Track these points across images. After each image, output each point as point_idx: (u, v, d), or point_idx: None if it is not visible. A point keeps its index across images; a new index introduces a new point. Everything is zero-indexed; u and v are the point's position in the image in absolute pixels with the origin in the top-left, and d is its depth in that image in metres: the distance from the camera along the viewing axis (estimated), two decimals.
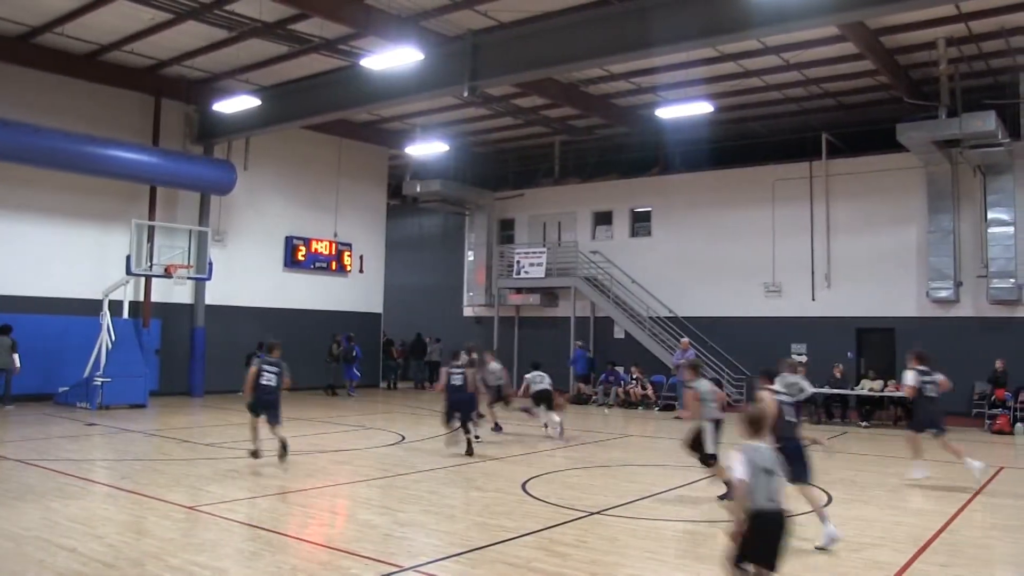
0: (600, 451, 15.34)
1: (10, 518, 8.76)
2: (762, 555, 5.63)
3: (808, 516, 8.72)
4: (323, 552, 7.79)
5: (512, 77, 18.40)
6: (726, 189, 26.13)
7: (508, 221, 31.70)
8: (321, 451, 14.09)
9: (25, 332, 20.00)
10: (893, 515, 9.91)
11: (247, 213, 25.69)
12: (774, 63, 20.82)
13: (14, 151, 19.33)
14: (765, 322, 24.85)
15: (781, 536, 5.68)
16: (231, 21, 18.88)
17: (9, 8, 18.64)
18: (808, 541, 8.57)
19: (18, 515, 8.90)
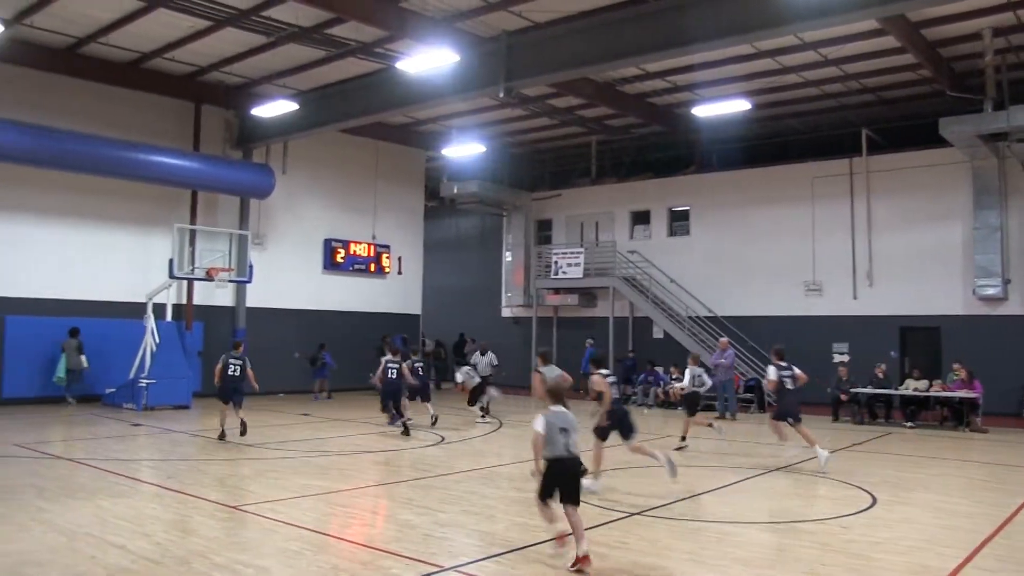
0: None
1: (63, 514, 8.95)
2: (562, 492, 7.46)
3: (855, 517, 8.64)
4: (364, 552, 7.84)
5: (547, 77, 18.38)
6: (764, 187, 25.92)
7: (545, 221, 31.67)
8: (363, 452, 14.17)
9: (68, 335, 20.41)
10: (941, 518, 9.70)
11: (286, 216, 25.92)
12: (812, 59, 20.60)
13: (59, 158, 19.74)
14: (805, 321, 24.60)
15: (574, 477, 7.55)
16: (268, 27, 19.06)
17: (57, 21, 18.99)
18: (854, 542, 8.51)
19: (71, 512, 9.08)
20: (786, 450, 14.02)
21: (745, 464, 13.39)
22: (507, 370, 30.66)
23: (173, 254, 21.17)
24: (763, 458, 14.18)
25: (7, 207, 20.50)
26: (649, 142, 28.97)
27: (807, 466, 13.18)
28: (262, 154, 24.85)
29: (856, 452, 15.24)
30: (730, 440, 16.38)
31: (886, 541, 8.30)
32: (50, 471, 11.81)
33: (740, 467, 13.05)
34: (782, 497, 10.73)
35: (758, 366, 24.16)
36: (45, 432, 16.16)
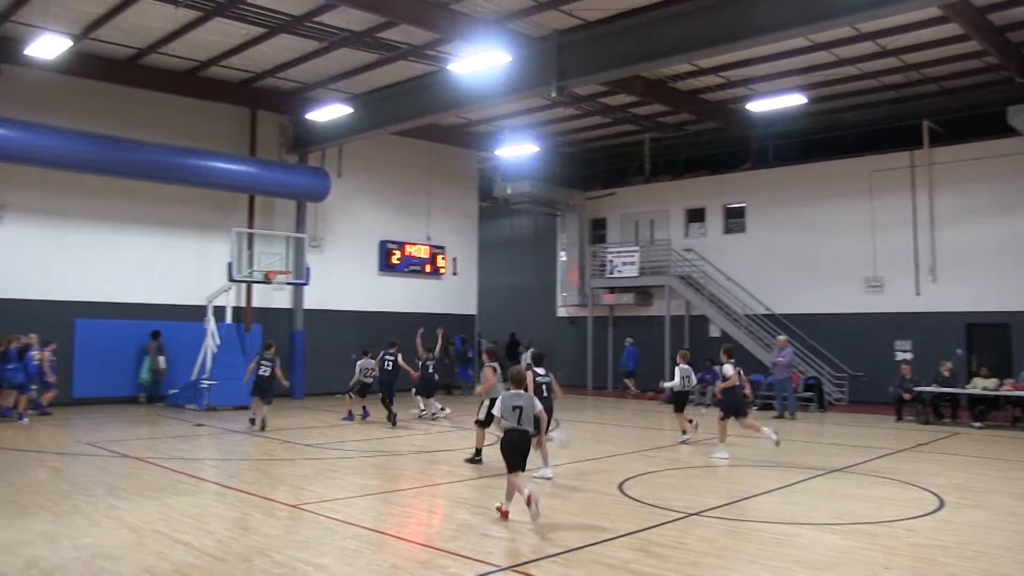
0: (697, 452, 15.14)
1: (131, 511, 9.18)
2: (511, 458, 9.06)
3: (921, 520, 8.46)
4: (422, 551, 7.88)
5: (599, 76, 18.34)
6: (822, 182, 25.54)
7: (600, 220, 31.57)
8: (419, 451, 14.26)
9: (135, 338, 20.89)
10: (1014, 523, 9.35)
11: (342, 219, 26.19)
12: (870, 50, 20.24)
13: (121, 166, 20.26)
14: (866, 318, 24.21)
15: (521, 445, 9.15)
16: (321, 32, 19.28)
17: (119, 33, 19.47)
18: (920, 546, 8.37)
19: (138, 508, 9.30)
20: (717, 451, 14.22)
21: (805, 464, 13.21)
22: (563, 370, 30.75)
23: (232, 258, 21.51)
24: (824, 458, 13.99)
25: (74, 215, 21.02)
26: (703, 139, 28.75)
27: (868, 467, 12.98)
28: (317, 158, 25.15)
29: (921, 453, 14.94)
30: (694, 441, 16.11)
31: (955, 546, 8.11)
32: (119, 469, 12.09)
33: (800, 467, 12.88)
34: (844, 498, 10.56)
35: (817, 364, 23.87)
36: (113, 431, 16.51)
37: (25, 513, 9.05)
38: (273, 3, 17.92)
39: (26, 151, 18.82)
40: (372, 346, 19.58)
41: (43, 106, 20.07)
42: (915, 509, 9.82)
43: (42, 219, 20.62)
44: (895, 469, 12.63)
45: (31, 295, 20.24)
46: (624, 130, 28.72)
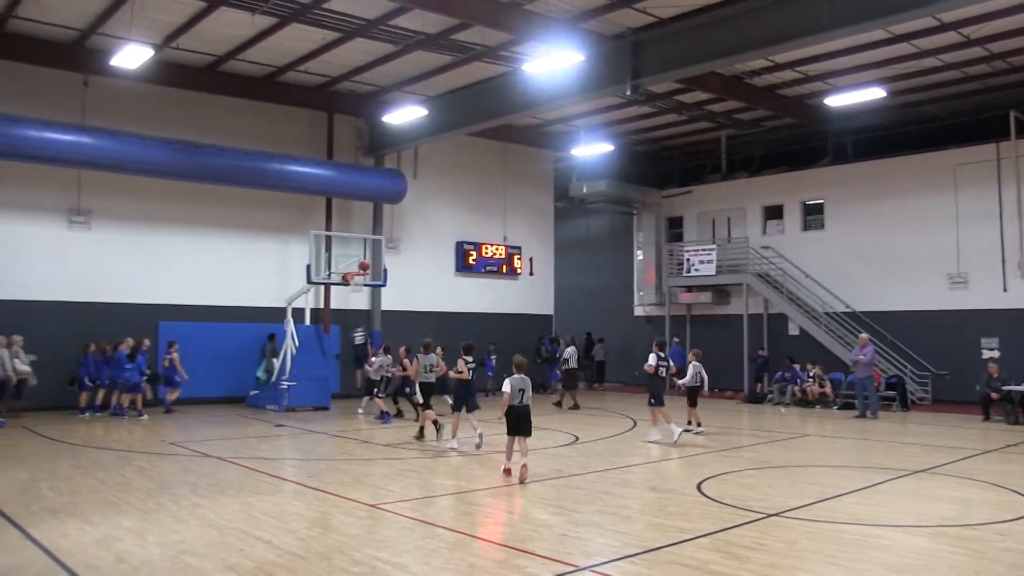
0: (776, 451, 14.94)
1: (214, 509, 9.39)
2: (517, 429, 11.61)
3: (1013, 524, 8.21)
4: (499, 550, 7.90)
5: (674, 73, 18.20)
6: (903, 177, 24.90)
7: (676, 219, 31.30)
8: (496, 451, 14.28)
9: (216, 339, 21.39)
10: None
11: (418, 220, 26.42)
12: (953, 40, 19.65)
13: (202, 171, 20.74)
14: (950, 315, 23.53)
15: (524, 418, 11.57)
16: (396, 35, 19.46)
17: (199, 42, 19.91)
18: (1012, 551, 8.14)
19: (221, 507, 9.51)
20: (650, 434, 15.84)
21: (888, 465, 12.91)
22: (641, 369, 30.55)
23: (310, 260, 21.86)
24: (907, 459, 13.66)
25: (157, 220, 21.60)
26: (780, 135, 28.31)
27: (954, 468, 12.65)
28: (393, 160, 25.41)
29: (1010, 454, 14.49)
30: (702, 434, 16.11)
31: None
32: (201, 468, 12.38)
33: (883, 468, 12.60)
34: (929, 500, 10.30)
35: (899, 363, 23.33)
36: (196, 432, 16.92)
37: (115, 510, 9.33)
38: (348, 7, 18.14)
39: (112, 159, 19.42)
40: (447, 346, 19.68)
41: (127, 115, 20.67)
42: (1006, 512, 9.54)
43: (127, 224, 21.24)
44: (983, 470, 12.28)
45: (116, 298, 20.88)
46: (700, 127, 28.43)
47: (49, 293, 19.98)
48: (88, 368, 19.36)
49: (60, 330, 19.51)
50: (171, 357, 20.26)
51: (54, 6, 17.88)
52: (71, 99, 20.19)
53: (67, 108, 19.92)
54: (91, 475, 11.59)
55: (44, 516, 8.96)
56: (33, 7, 17.82)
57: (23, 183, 19.80)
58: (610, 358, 31.51)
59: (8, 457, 13.31)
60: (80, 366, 19.41)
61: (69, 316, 19.98)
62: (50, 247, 20.17)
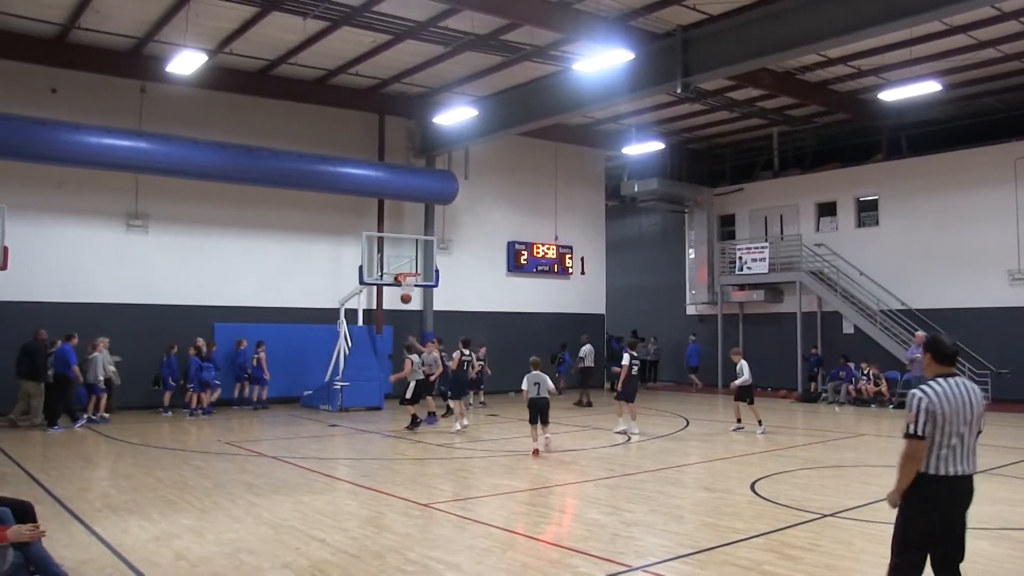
0: (831, 451, 14.77)
1: (269, 508, 9.52)
2: (536, 418, 13.80)
3: None
4: (552, 550, 7.91)
5: (725, 70, 18.05)
6: (960, 171, 24.41)
7: (728, 217, 31.06)
8: (548, 451, 14.31)
9: (270, 341, 21.61)
10: None
11: (469, 221, 26.51)
12: (1013, 29, 19.17)
13: (256, 174, 21.01)
14: (1011, 312, 23.02)
15: (542, 409, 13.79)
16: (446, 37, 19.54)
17: (251, 46, 20.16)
18: None
19: (276, 506, 9.64)
20: (619, 425, 16.64)
21: None
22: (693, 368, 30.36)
23: (362, 261, 22.02)
24: None
25: (212, 223, 21.93)
26: (833, 131, 27.94)
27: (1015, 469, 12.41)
28: (444, 161, 25.52)
29: None
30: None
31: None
32: (256, 467, 12.55)
33: None
34: (989, 501, 10.08)
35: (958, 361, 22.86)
36: (251, 431, 17.19)
37: (174, 508, 9.51)
38: (398, 10, 18.25)
39: (167, 163, 19.76)
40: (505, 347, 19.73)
41: (182, 120, 21.01)
42: None
43: (183, 227, 21.59)
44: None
45: (172, 300, 21.22)
46: (751, 124, 28.15)
47: (108, 295, 20.38)
48: (172, 369, 19.79)
49: (119, 332, 19.83)
50: (259, 357, 21.22)
51: (112, 15, 18.23)
52: (129, 106, 20.59)
53: (125, 114, 20.32)
54: (151, 474, 11.82)
55: (107, 513, 9.18)
56: (93, 17, 18.19)
57: (84, 188, 20.22)
58: (663, 356, 31.39)
59: (73, 455, 13.63)
60: (163, 366, 19.82)
61: (126, 318, 20.31)
62: (109, 250, 20.58)
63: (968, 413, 5.18)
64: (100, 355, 18.32)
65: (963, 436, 5.16)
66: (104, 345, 18.56)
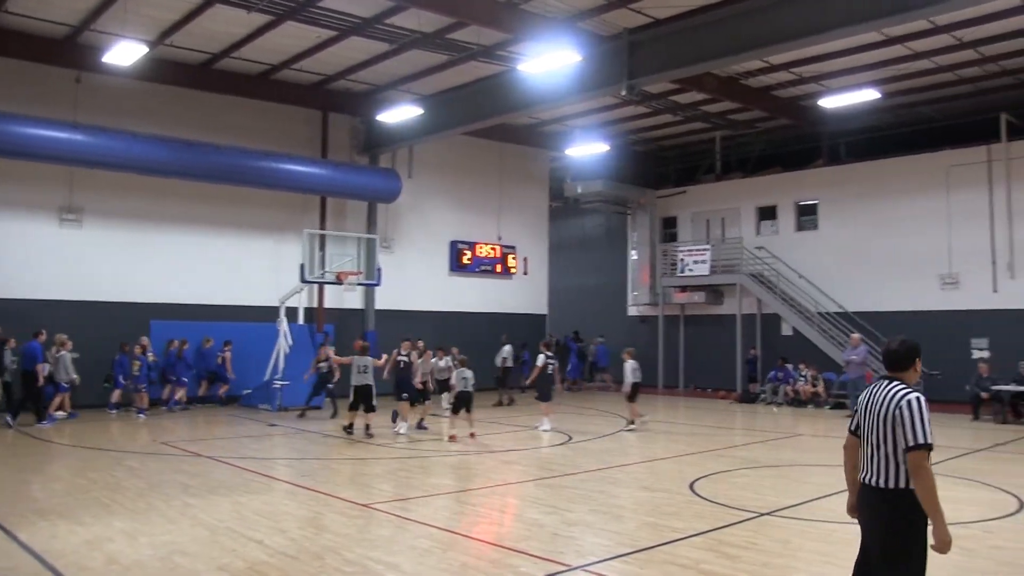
0: (769, 451, 14.98)
1: (206, 509, 9.36)
2: (465, 407, 15.39)
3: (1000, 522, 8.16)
4: (493, 550, 7.90)
5: (670, 74, 18.15)
6: (896, 178, 24.92)
7: (671, 219, 31.32)
8: (489, 451, 14.30)
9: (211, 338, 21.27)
10: None
11: (413, 219, 26.39)
12: (946, 43, 19.68)
13: (196, 169, 20.69)
14: (941, 316, 23.54)
15: (469, 400, 15.44)
16: (392, 34, 19.43)
17: (194, 39, 19.85)
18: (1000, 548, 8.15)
19: (212, 507, 9.48)
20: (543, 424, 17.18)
21: None
22: None
23: (304, 259, 21.80)
24: None
25: (150, 217, 21.50)
26: (775, 136, 28.34)
27: (944, 467, 12.67)
28: (388, 159, 25.36)
29: (999, 453, 14.53)
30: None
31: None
32: (193, 468, 12.34)
33: None
34: None
35: None
36: (188, 431, 16.89)
37: (106, 511, 9.29)
38: (344, 6, 18.11)
39: (104, 156, 19.35)
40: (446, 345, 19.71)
41: (121, 112, 20.58)
42: (994, 510, 9.56)
43: (120, 222, 21.13)
44: (972, 469, 12.32)
45: (108, 297, 20.75)
46: (695, 128, 28.44)
47: (39, 292, 19.81)
48: (124, 367, 19.39)
49: (52, 329, 19.24)
50: (225, 356, 21.25)
51: (46, 1, 17.79)
52: (63, 96, 20.03)
53: (59, 105, 19.77)
54: (82, 476, 11.56)
55: (34, 518, 8.88)
56: (25, 1, 17.72)
57: (13, 180, 19.63)
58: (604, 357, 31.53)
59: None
60: (115, 364, 19.45)
61: (59, 315, 19.66)
62: (40, 245, 20.03)
63: None
64: (66, 353, 17.97)
65: None
66: (68, 344, 18.19)
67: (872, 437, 4.91)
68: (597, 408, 22.08)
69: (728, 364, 26.75)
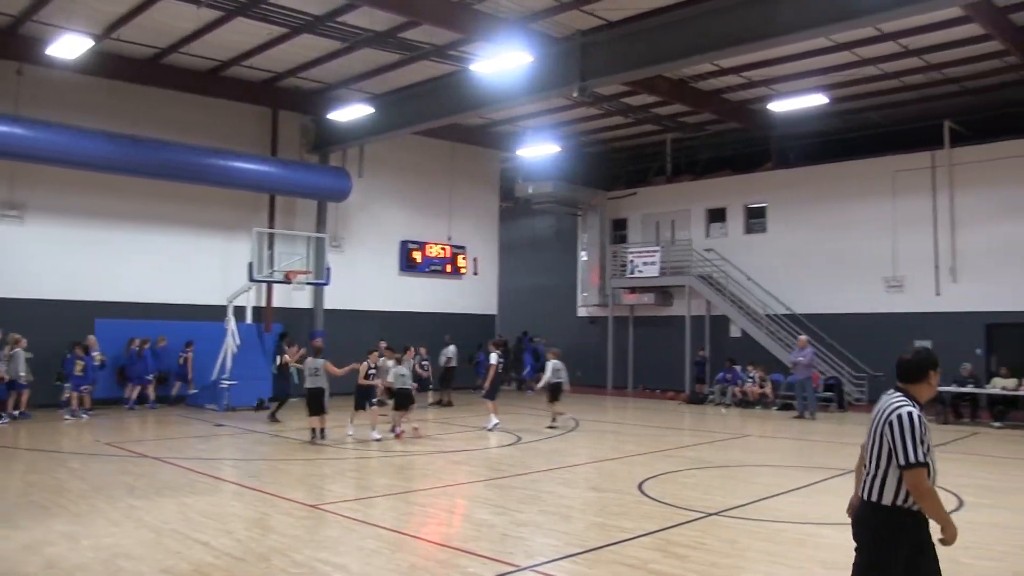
0: (717, 451, 15.12)
1: (151, 511, 9.22)
2: (401, 405, 15.87)
3: None
4: (441, 551, 7.88)
5: (622, 76, 18.25)
6: (843, 182, 25.34)
7: (621, 220, 31.50)
8: (440, 452, 14.27)
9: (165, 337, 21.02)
10: None
11: (363, 219, 26.24)
12: (892, 50, 20.06)
13: (143, 166, 20.35)
14: (886, 318, 23.98)
15: (407, 397, 15.82)
16: (344, 32, 19.31)
17: (141, 33, 19.52)
18: None
19: (158, 508, 9.34)
20: (490, 422, 17.38)
21: (826, 464, 13.14)
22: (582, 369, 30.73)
23: (252, 257, 21.58)
24: (844, 458, 13.84)
25: (95, 214, 21.13)
26: (725, 139, 28.62)
27: None
28: (339, 158, 25.19)
29: (940, 453, 14.54)
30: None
31: (975, 545, 8.03)
32: (139, 469, 12.15)
33: (821, 467, 12.82)
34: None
35: (837, 364, 23.73)
36: (133, 432, 16.63)
37: (46, 513, 9.10)
38: (295, 3, 17.95)
39: (47, 151, 18.91)
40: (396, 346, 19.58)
41: (65, 106, 20.17)
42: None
43: (63, 219, 20.72)
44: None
45: (51, 295, 20.31)
46: (646, 130, 28.63)
47: None
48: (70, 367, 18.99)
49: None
50: (187, 356, 21.34)
51: None
52: (3, 88, 19.55)
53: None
54: (21, 478, 11.32)
55: None
56: None
57: None
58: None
59: None
60: (65, 362, 19.04)
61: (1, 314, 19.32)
62: None
63: None
64: (20, 351, 17.71)
65: None
66: (23, 342, 17.92)
67: (867, 447, 4.85)
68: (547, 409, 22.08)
69: (677, 365, 26.99)
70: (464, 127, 27.39)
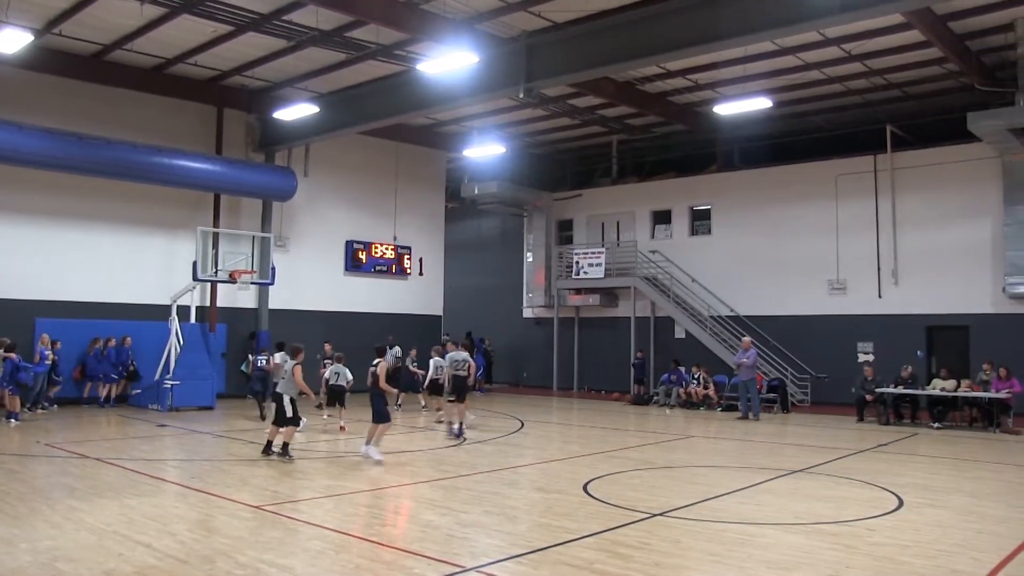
0: (662, 452, 15.25)
1: (92, 512, 9.07)
2: (335, 402, 16.96)
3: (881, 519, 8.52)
4: (386, 552, 7.86)
5: (568, 77, 18.36)
6: (787, 185, 25.75)
7: (566, 222, 31.64)
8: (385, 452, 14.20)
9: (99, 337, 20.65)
10: (972, 522, 9.46)
11: (308, 219, 26.05)
12: (835, 55, 20.45)
13: (85, 163, 20.00)
14: (829, 320, 24.43)
15: (340, 394, 16.79)
16: (289, 31, 19.17)
17: (84, 29, 19.21)
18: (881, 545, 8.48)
19: (99, 510, 9.19)
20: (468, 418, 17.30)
21: (769, 465, 13.32)
22: (529, 370, 30.84)
23: (197, 257, 21.33)
24: (787, 459, 14.12)
25: (36, 211, 20.73)
26: (670, 141, 28.89)
27: (830, 468, 13.14)
28: (284, 157, 24.98)
29: (882, 453, 15.13)
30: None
31: (914, 544, 8.21)
32: (79, 470, 11.95)
33: (764, 468, 13.00)
34: (806, 498, 10.67)
35: (781, 366, 24.07)
36: (73, 433, 16.32)
37: None
38: (241, 1, 17.79)
39: None
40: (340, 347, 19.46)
41: (5, 102, 19.75)
42: (876, 509, 9.94)
43: (2, 216, 20.31)
44: (856, 469, 12.80)
45: None
46: (592, 132, 28.81)
47: None
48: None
49: None
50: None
51: None
52: None
53: None
54: None
55: None
56: None
57: None
58: (497, 359, 31.64)
59: None
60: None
61: None
62: None
63: None
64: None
65: None
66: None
67: None
68: (492, 409, 22.15)
69: (622, 366, 27.20)
70: (410, 127, 27.33)
